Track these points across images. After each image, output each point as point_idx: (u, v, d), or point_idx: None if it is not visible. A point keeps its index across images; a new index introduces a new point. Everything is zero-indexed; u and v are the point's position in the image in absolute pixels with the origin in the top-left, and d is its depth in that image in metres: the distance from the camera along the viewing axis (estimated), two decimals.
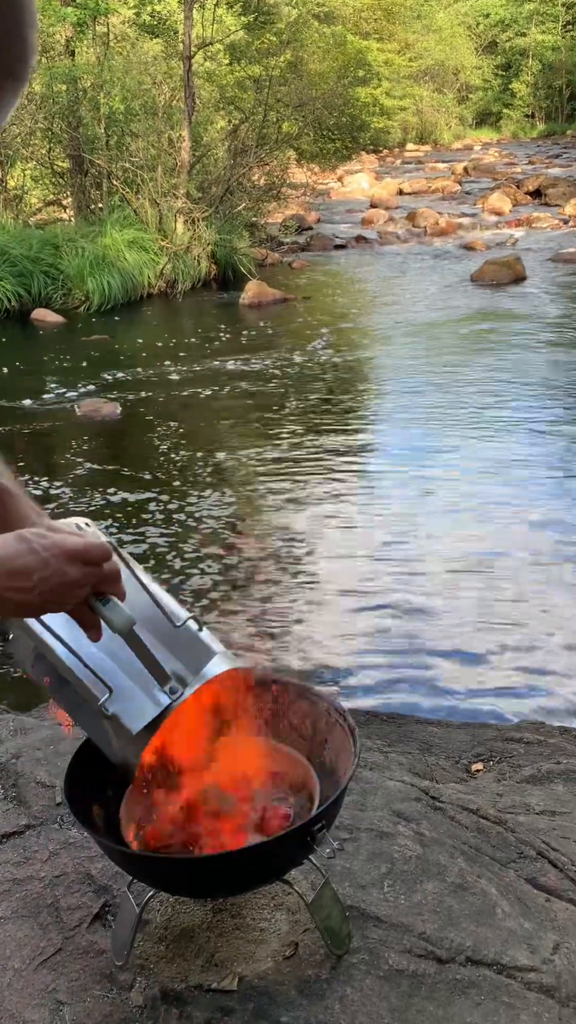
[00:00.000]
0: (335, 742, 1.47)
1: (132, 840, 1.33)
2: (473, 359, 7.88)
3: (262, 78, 13.05)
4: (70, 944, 1.43)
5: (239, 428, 6.50)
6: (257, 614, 3.77)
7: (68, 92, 11.88)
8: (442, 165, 26.25)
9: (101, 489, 5.26)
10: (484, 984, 1.36)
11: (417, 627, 3.61)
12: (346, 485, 5.16)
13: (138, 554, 4.36)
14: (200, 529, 4.64)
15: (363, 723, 2.87)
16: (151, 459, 5.78)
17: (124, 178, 12.15)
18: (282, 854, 1.28)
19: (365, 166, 26.24)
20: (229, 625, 3.70)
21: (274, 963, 1.35)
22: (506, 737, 2.70)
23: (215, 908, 1.44)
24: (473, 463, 5.40)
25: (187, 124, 11.82)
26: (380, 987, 1.32)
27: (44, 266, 10.75)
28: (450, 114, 38.74)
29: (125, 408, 6.84)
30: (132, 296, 11.11)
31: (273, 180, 14.34)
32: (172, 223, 11.74)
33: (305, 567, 4.18)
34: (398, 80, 33.61)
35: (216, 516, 4.80)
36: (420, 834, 1.71)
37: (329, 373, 7.69)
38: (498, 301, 10.23)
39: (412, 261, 13.38)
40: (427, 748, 2.62)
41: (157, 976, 1.34)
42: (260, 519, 4.75)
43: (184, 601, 3.88)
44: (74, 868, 1.58)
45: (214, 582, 4.07)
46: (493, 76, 40.86)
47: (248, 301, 10.71)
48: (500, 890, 1.59)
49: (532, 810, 2.07)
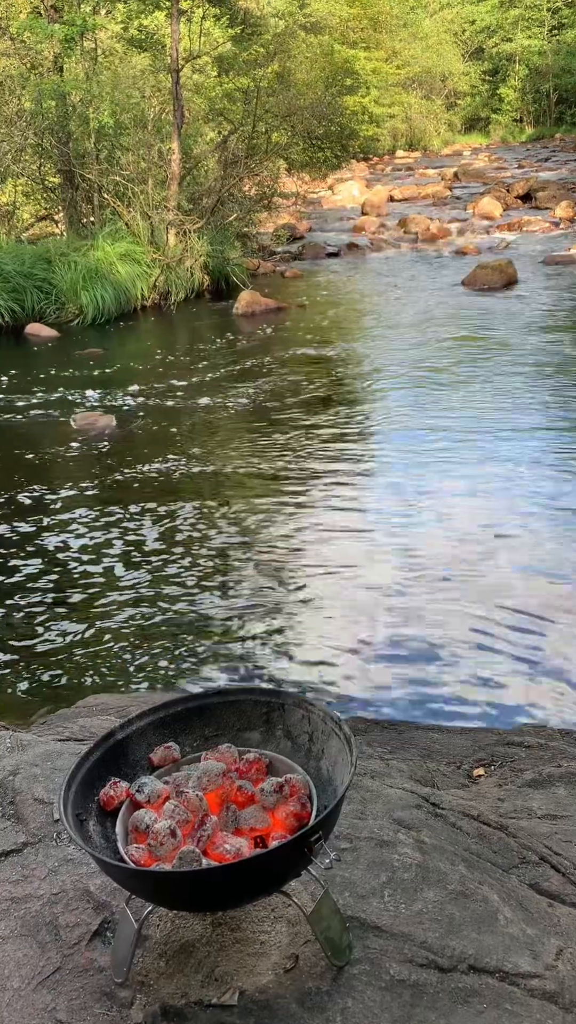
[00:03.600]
0: (332, 752, 1.47)
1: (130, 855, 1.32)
2: (467, 364, 7.89)
3: (250, 89, 13.11)
4: (69, 962, 1.42)
5: (235, 438, 6.50)
6: (257, 623, 3.76)
7: (57, 108, 11.93)
8: (432, 171, 26.35)
9: (99, 502, 5.25)
10: (487, 992, 1.35)
11: (417, 633, 3.60)
12: (344, 494, 5.16)
13: (135, 563, 4.36)
14: (198, 539, 4.64)
15: (364, 731, 2.87)
16: (148, 471, 5.77)
17: (115, 191, 12.19)
18: (279, 866, 1.27)
19: (355, 174, 26.32)
20: (229, 635, 3.69)
21: (275, 976, 1.33)
22: (507, 741, 2.69)
23: (215, 922, 1.43)
24: (471, 468, 5.40)
25: (176, 136, 11.87)
26: (382, 998, 1.31)
27: (37, 281, 10.78)
28: (439, 120, 38.89)
29: (121, 420, 6.85)
30: (125, 309, 11.14)
31: (264, 190, 14.39)
32: (164, 235, 11.78)
33: (304, 575, 4.17)
34: (386, 88, 33.74)
35: (214, 526, 4.80)
36: (421, 842, 1.70)
37: (323, 381, 7.70)
38: (491, 305, 10.25)
39: (404, 267, 13.41)
40: (428, 754, 2.61)
41: (157, 992, 1.33)
42: (257, 529, 4.75)
43: (183, 612, 3.87)
44: (73, 885, 1.57)
45: (212, 592, 4.06)
46: (480, 82, 41.05)
47: (241, 311, 10.73)
48: (502, 896, 1.58)
49: (534, 814, 2.06)
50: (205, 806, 1.38)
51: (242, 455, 6.01)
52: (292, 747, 1.53)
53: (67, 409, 7.20)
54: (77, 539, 4.74)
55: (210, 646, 3.62)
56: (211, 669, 3.47)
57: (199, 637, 3.69)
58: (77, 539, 4.74)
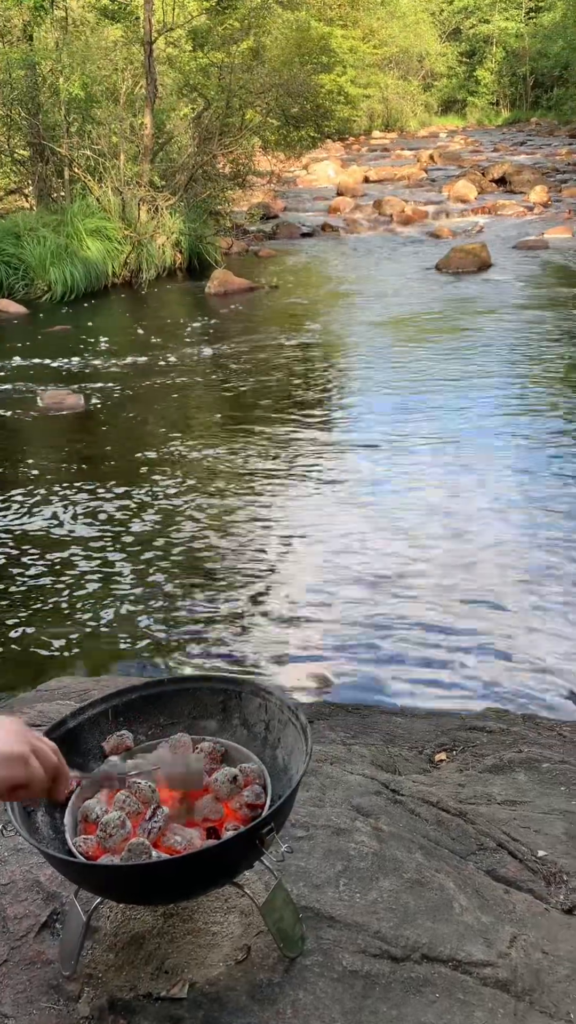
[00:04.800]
0: (288, 741, 1.44)
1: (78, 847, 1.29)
2: (439, 347, 7.87)
3: (224, 64, 12.91)
4: (16, 955, 1.39)
5: (205, 418, 6.44)
6: (220, 606, 3.73)
7: (27, 78, 11.66)
8: (408, 152, 26.22)
9: (65, 481, 5.18)
10: (439, 982, 1.34)
11: (382, 617, 3.59)
12: (311, 475, 5.13)
13: (104, 548, 4.30)
14: (167, 520, 4.59)
15: (327, 715, 2.85)
16: (116, 450, 5.70)
17: (86, 166, 11.96)
18: (230, 858, 1.25)
19: (331, 154, 26.12)
20: (192, 617, 3.66)
21: (226, 968, 1.32)
22: (469, 726, 2.69)
23: (166, 913, 1.41)
24: (442, 451, 5.39)
25: (149, 111, 11.67)
26: (333, 989, 1.29)
27: (5, 256, 10.58)
28: (416, 101, 38.70)
29: (89, 399, 6.75)
30: (96, 286, 10.97)
31: (238, 167, 14.22)
32: (136, 211, 11.59)
33: (269, 558, 4.14)
34: (363, 67, 33.47)
35: (182, 507, 4.75)
36: (378, 829, 1.69)
37: (295, 361, 7.64)
38: (464, 289, 10.23)
39: (379, 249, 13.35)
40: (390, 739, 2.60)
41: (106, 986, 1.30)
42: (224, 509, 4.71)
43: (148, 593, 3.83)
44: (22, 876, 1.53)
45: (179, 574, 4.02)
46: (458, 63, 40.90)
47: (214, 290, 10.61)
48: (458, 884, 1.58)
49: (493, 800, 2.06)
50: (157, 797, 1.35)
51: (211, 435, 5.95)
52: (248, 736, 1.51)
53: (34, 387, 7.09)
54: (42, 518, 4.67)
55: (175, 628, 3.59)
56: (175, 652, 3.44)
57: (164, 619, 3.65)
58: (42, 518, 4.67)
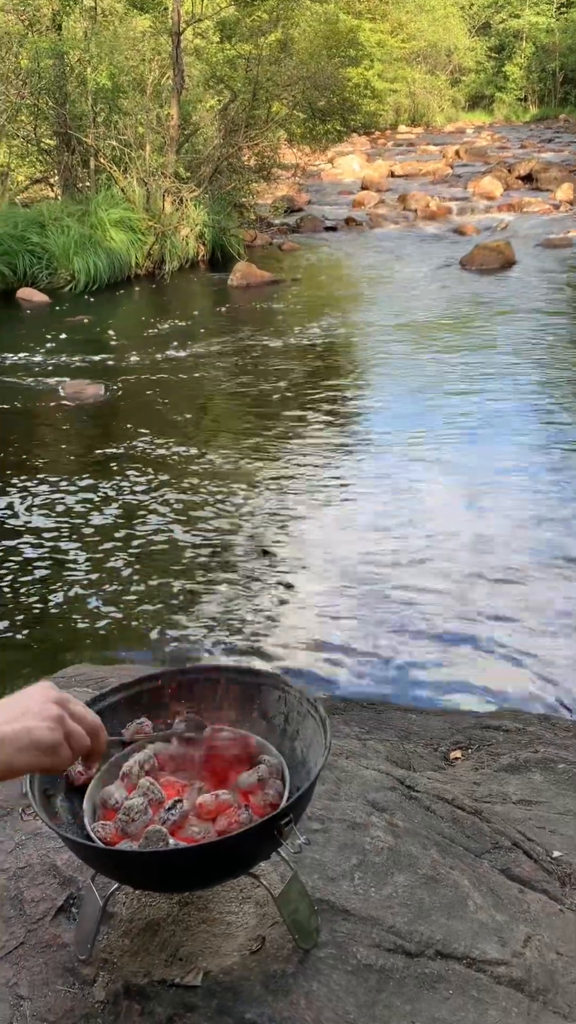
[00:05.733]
0: (307, 733, 1.44)
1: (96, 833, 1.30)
2: (461, 344, 7.84)
3: (252, 56, 12.87)
4: (33, 937, 1.40)
5: (226, 410, 6.45)
6: (239, 598, 3.74)
7: (55, 67, 11.68)
8: (434, 148, 26.05)
9: (85, 469, 5.20)
10: (453, 978, 1.34)
11: (398, 613, 3.59)
12: (329, 470, 5.12)
13: (120, 539, 4.32)
14: (184, 509, 4.60)
15: (342, 710, 2.85)
16: (136, 441, 5.72)
17: (112, 156, 11.98)
18: (248, 849, 1.25)
19: (356, 147, 26.01)
20: (210, 610, 3.67)
21: (240, 958, 1.32)
22: (485, 725, 2.68)
23: (182, 901, 1.41)
24: (461, 447, 5.37)
25: (176, 102, 11.66)
26: (347, 982, 1.30)
27: (30, 245, 10.62)
28: (443, 96, 38.42)
29: (110, 389, 6.77)
30: (119, 276, 11.00)
31: (263, 160, 14.19)
32: (160, 202, 11.60)
33: (287, 552, 4.14)
34: (390, 61, 33.27)
35: (200, 496, 4.76)
36: (393, 825, 1.69)
37: (317, 356, 7.63)
38: (487, 286, 10.17)
39: (402, 244, 13.29)
40: (405, 736, 2.60)
41: (120, 971, 1.31)
42: (244, 500, 4.71)
43: (167, 582, 3.85)
44: (39, 859, 1.55)
45: (195, 566, 4.03)
46: (486, 58, 40.55)
47: (236, 283, 10.61)
48: (473, 882, 1.57)
49: (509, 799, 2.06)
50: (178, 786, 1.36)
51: (231, 426, 5.96)
52: (267, 727, 1.51)
53: (56, 376, 7.12)
54: (62, 506, 4.69)
55: (193, 618, 3.60)
56: (193, 642, 3.46)
57: (182, 608, 3.66)
58: (62, 506, 4.69)
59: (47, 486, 4.98)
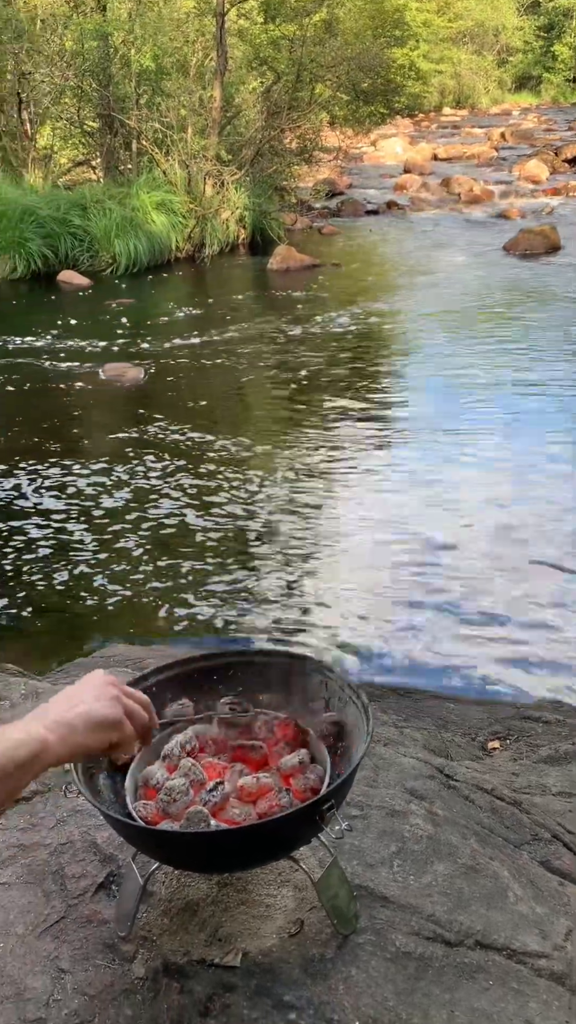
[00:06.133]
0: (348, 720, 1.44)
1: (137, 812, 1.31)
2: (504, 330, 7.72)
3: (296, 37, 12.74)
4: (73, 912, 1.41)
5: (264, 395, 6.43)
6: (276, 585, 3.74)
7: (99, 49, 11.68)
8: (479, 130, 25.64)
9: (124, 454, 5.23)
10: (493, 969, 1.33)
11: (437, 601, 3.56)
12: (370, 455, 5.09)
13: (159, 513, 4.34)
14: (223, 493, 4.60)
15: (379, 697, 2.84)
16: (175, 423, 5.73)
17: (154, 138, 11.96)
18: (289, 832, 1.25)
19: (400, 130, 25.67)
20: (248, 596, 3.67)
21: (279, 940, 1.32)
22: (524, 716, 2.65)
23: (220, 882, 1.42)
24: (504, 434, 5.31)
25: (219, 83, 11.59)
26: (386, 969, 1.29)
27: (71, 227, 10.67)
28: (488, 77, 37.72)
29: (149, 373, 6.80)
30: (159, 259, 11.01)
31: (305, 143, 14.06)
32: (201, 185, 11.57)
33: (325, 538, 4.13)
34: (436, 42, 32.71)
35: (239, 480, 4.76)
36: (433, 813, 1.68)
37: (356, 341, 7.58)
38: (531, 272, 10.01)
39: (445, 229, 13.12)
40: (443, 724, 2.58)
41: (160, 949, 1.32)
42: (282, 484, 4.70)
43: (204, 570, 3.86)
44: (80, 836, 1.56)
45: (232, 552, 4.04)
46: (534, 38, 39.63)
47: (276, 267, 10.56)
48: (512, 873, 1.56)
49: (548, 791, 2.03)
50: (219, 768, 1.36)
51: (270, 411, 5.95)
52: (308, 712, 1.50)
53: (96, 358, 7.16)
54: (103, 488, 4.73)
55: (231, 602, 3.61)
56: (232, 626, 3.46)
57: (221, 592, 3.67)
58: (103, 488, 4.73)
59: (87, 466, 5.02)
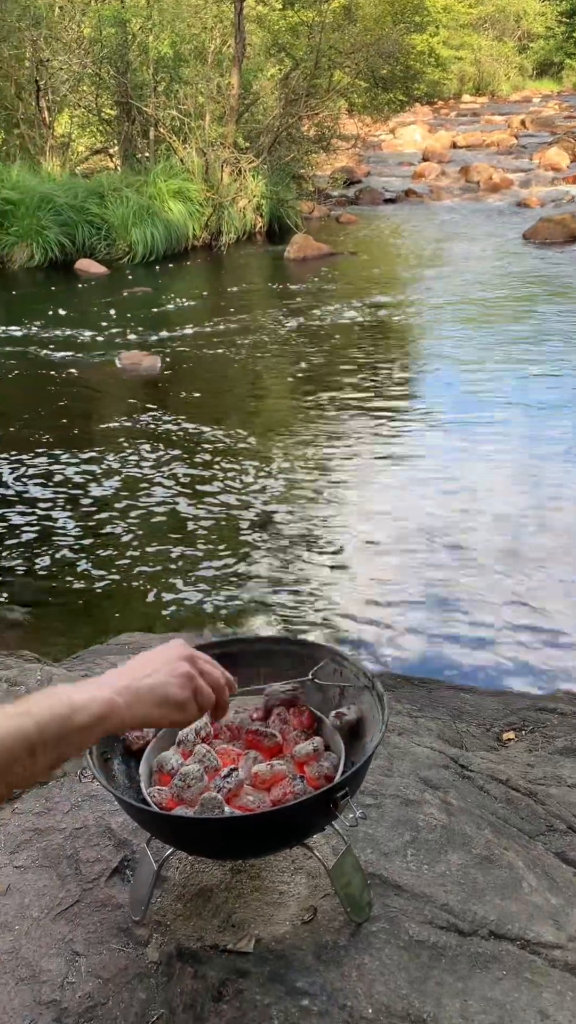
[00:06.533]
0: (363, 708, 1.43)
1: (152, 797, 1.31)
2: (523, 319, 7.66)
3: (315, 23, 12.64)
4: (88, 896, 1.42)
5: (280, 384, 6.42)
6: (292, 575, 3.74)
7: (117, 36, 11.63)
8: (499, 118, 25.39)
9: (139, 442, 5.24)
10: (507, 959, 1.33)
11: (452, 591, 3.55)
12: (387, 445, 5.07)
13: (174, 502, 4.35)
14: (238, 482, 4.60)
15: (394, 687, 2.83)
16: (190, 412, 5.73)
17: (171, 126, 11.92)
18: (303, 820, 1.25)
19: (418, 117, 25.46)
20: (265, 579, 3.67)
21: (292, 927, 1.32)
22: (539, 707, 2.64)
23: (234, 869, 1.42)
24: (520, 424, 5.27)
25: (237, 70, 11.53)
26: (400, 957, 1.29)
27: (89, 215, 10.66)
28: (509, 64, 37.30)
29: (165, 361, 6.79)
30: (176, 248, 10.99)
31: (323, 131, 13.98)
32: (218, 173, 11.53)
33: (341, 528, 4.12)
34: (456, 28, 32.36)
35: (253, 469, 4.76)
36: (447, 803, 1.67)
37: (371, 331, 7.54)
38: (550, 260, 9.91)
39: (463, 217, 13.01)
40: (458, 714, 2.57)
41: (174, 933, 1.33)
42: (297, 474, 4.70)
43: (220, 554, 3.86)
44: (95, 821, 1.57)
45: (248, 541, 4.04)
46: (557, 23, 39.13)
47: (293, 255, 10.52)
48: (527, 863, 1.55)
49: (564, 783, 2.02)
50: (233, 754, 1.36)
51: (285, 401, 5.93)
52: (322, 700, 1.50)
53: (113, 347, 7.16)
54: (117, 477, 4.74)
55: (246, 590, 3.61)
56: (245, 614, 3.47)
57: (235, 580, 3.68)
58: (117, 477, 4.74)
59: (102, 455, 5.03)
